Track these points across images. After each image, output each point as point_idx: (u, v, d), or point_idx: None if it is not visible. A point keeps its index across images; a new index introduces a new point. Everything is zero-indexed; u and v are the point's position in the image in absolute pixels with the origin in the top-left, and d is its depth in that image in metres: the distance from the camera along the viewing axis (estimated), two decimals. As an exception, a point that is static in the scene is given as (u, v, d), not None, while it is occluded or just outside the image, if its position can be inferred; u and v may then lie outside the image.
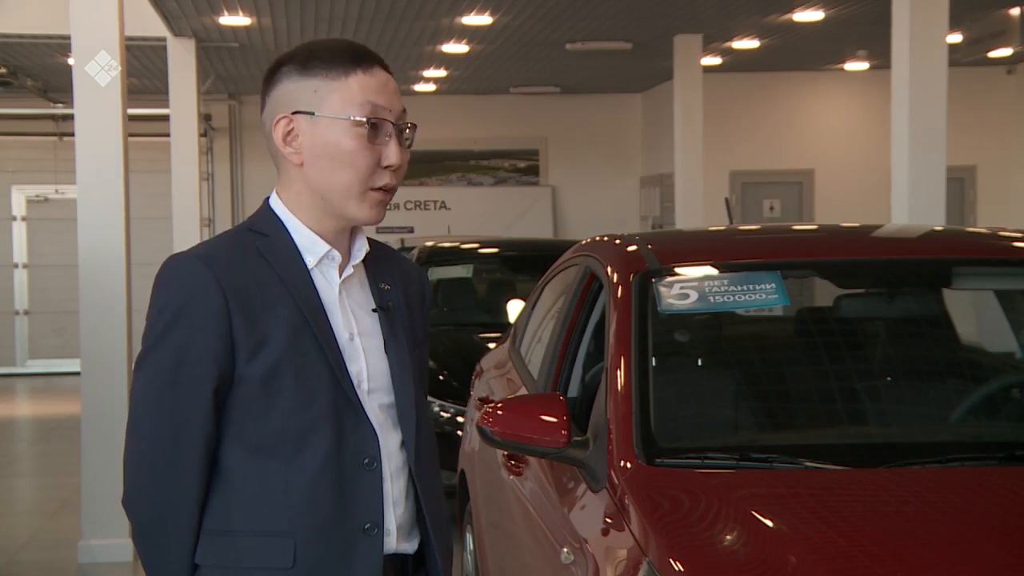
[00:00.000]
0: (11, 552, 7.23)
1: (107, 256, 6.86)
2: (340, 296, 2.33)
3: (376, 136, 2.28)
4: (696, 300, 3.53)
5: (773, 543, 2.75)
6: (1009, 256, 3.94)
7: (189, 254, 2.27)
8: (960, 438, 3.48)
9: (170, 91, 11.75)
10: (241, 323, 2.21)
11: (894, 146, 7.37)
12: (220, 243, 2.32)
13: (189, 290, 2.22)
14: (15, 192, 15.79)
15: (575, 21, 11.08)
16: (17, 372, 15.73)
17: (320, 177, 2.29)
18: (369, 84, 2.28)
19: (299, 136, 2.29)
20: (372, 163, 2.28)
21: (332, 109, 2.26)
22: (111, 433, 6.89)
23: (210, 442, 2.24)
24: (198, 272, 2.22)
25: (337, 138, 2.26)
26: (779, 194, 15.48)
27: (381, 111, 2.28)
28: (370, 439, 2.28)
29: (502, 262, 9.49)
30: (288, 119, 2.29)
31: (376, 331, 2.36)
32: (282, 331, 2.23)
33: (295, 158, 2.30)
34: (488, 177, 16.98)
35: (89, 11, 6.83)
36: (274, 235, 2.31)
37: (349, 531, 2.26)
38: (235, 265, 2.25)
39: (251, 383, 2.22)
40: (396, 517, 2.33)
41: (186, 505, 2.26)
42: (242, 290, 2.23)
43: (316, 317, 2.27)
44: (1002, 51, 11.44)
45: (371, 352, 2.34)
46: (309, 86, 2.27)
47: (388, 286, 2.41)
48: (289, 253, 2.30)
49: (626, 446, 3.15)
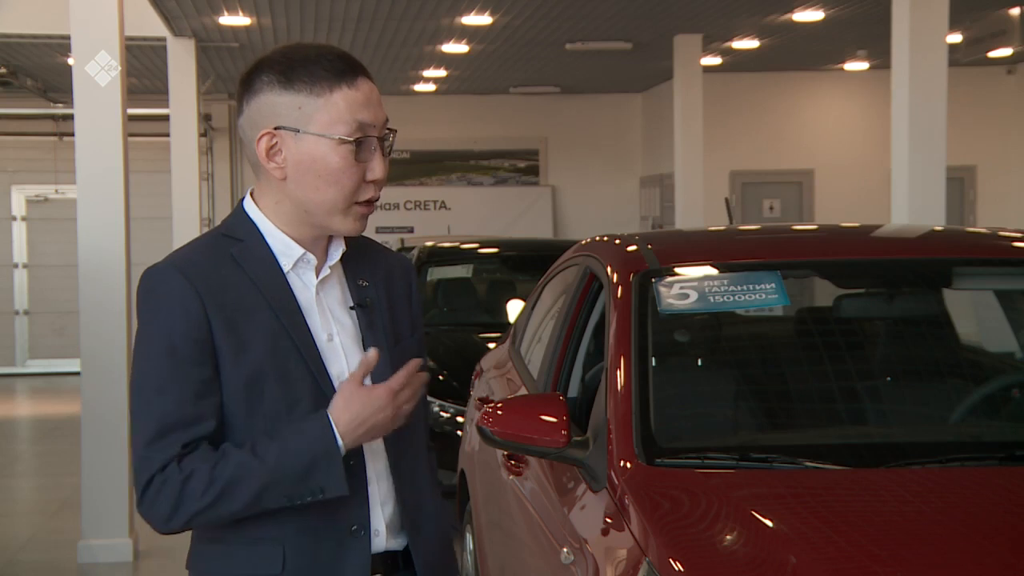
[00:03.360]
0: (11, 552, 7.23)
1: (107, 256, 6.86)
2: (317, 297, 2.33)
3: (361, 152, 2.27)
4: (696, 300, 3.53)
5: (773, 543, 2.75)
6: (1009, 256, 3.94)
7: (165, 263, 2.28)
8: (960, 438, 3.47)
9: (170, 91, 11.75)
10: (221, 329, 2.22)
11: (894, 146, 7.37)
12: (195, 250, 2.32)
13: (168, 299, 2.23)
14: (15, 192, 15.79)
15: (575, 21, 11.08)
16: (17, 372, 15.73)
17: (304, 193, 2.27)
18: (355, 100, 2.25)
19: (283, 152, 2.26)
20: (358, 180, 2.27)
21: (318, 127, 2.24)
22: (111, 433, 6.90)
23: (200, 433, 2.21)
24: (175, 281, 2.23)
25: (324, 155, 2.25)
26: (779, 194, 15.48)
27: (367, 128, 2.27)
28: None
29: (502, 262, 9.49)
30: (271, 134, 2.26)
31: (356, 327, 2.36)
32: (261, 337, 2.24)
33: (278, 172, 2.28)
34: (488, 177, 16.98)
35: (89, 11, 6.83)
36: (249, 240, 2.30)
37: (336, 534, 2.27)
38: (211, 272, 2.25)
39: (235, 389, 2.23)
40: (384, 516, 2.33)
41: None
42: (220, 297, 2.23)
43: (293, 322, 2.27)
44: (1002, 51, 11.42)
45: (350, 350, 2.33)
46: (293, 102, 2.24)
47: (366, 282, 2.40)
48: (264, 258, 2.29)
49: (626, 446, 3.15)
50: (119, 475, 6.89)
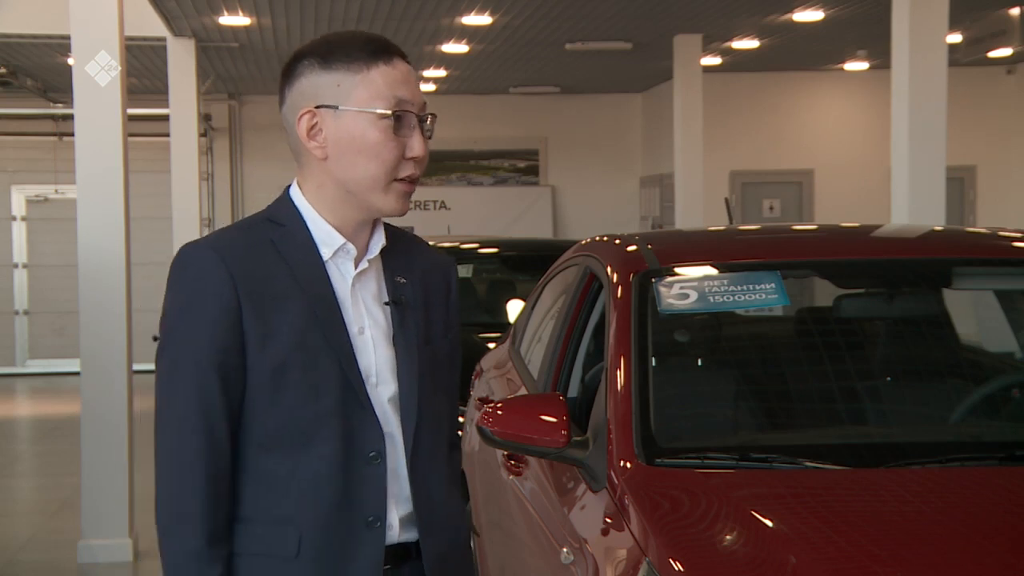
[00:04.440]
0: (11, 552, 7.23)
1: (107, 256, 6.86)
2: (353, 289, 2.34)
3: (400, 128, 2.29)
4: (696, 300, 3.53)
5: (773, 543, 2.75)
6: (1009, 256, 3.94)
7: (203, 243, 2.30)
8: (960, 438, 3.47)
9: (170, 91, 11.75)
10: (251, 315, 2.23)
11: (894, 146, 7.37)
12: (235, 233, 2.33)
13: (200, 281, 2.24)
14: (15, 192, 15.79)
15: (575, 21, 11.08)
16: (17, 372, 15.73)
17: (345, 170, 2.30)
18: (392, 76, 2.30)
19: (323, 130, 2.29)
20: (397, 155, 2.29)
21: (357, 102, 2.28)
22: (111, 433, 6.90)
23: (218, 434, 2.24)
24: (210, 262, 2.24)
25: (363, 131, 2.28)
26: (779, 194, 15.48)
27: (405, 103, 2.30)
28: (376, 435, 2.30)
29: (502, 262, 9.48)
30: (312, 113, 2.29)
31: (388, 323, 2.36)
32: (291, 325, 2.25)
33: (319, 152, 2.30)
34: (488, 177, 16.98)
35: (89, 11, 6.83)
36: (291, 225, 2.32)
37: (352, 524, 2.28)
38: (248, 256, 2.27)
39: (260, 375, 2.24)
40: (399, 511, 2.35)
41: (196, 501, 2.22)
42: (253, 282, 2.25)
43: (326, 311, 2.28)
44: (1002, 51, 11.42)
45: (380, 346, 2.34)
46: (332, 80, 2.28)
47: (404, 279, 2.41)
48: (304, 244, 2.31)
49: (626, 446, 3.15)
50: (119, 475, 6.89)
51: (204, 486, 2.22)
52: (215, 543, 2.23)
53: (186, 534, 2.22)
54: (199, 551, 2.21)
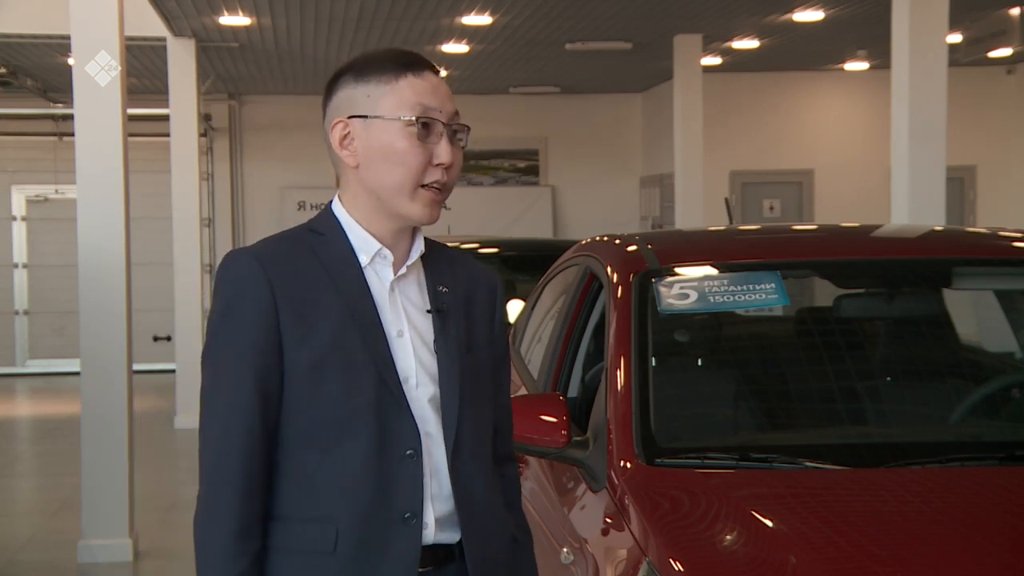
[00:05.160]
0: (11, 552, 7.23)
1: (107, 256, 6.86)
2: (392, 294, 2.40)
3: (427, 135, 2.38)
4: (696, 300, 3.53)
5: (773, 543, 2.75)
6: (1009, 256, 3.94)
7: (244, 250, 2.39)
8: (960, 438, 3.48)
9: (170, 91, 11.74)
10: (289, 318, 2.31)
11: (894, 146, 7.37)
12: (277, 240, 2.43)
13: (239, 285, 2.33)
14: (15, 192, 15.78)
15: (575, 21, 11.07)
16: (17, 372, 15.72)
17: (374, 178, 2.38)
18: (420, 87, 2.39)
19: (354, 139, 2.39)
20: (424, 161, 2.38)
21: (385, 111, 2.37)
22: (111, 433, 6.90)
23: (254, 432, 2.30)
24: (249, 267, 2.33)
25: (390, 139, 2.36)
26: (779, 194, 15.48)
27: (431, 111, 2.38)
28: (411, 433, 2.34)
29: (502, 262, 9.48)
30: (344, 123, 2.39)
31: (428, 330, 2.42)
32: (329, 326, 2.32)
33: (351, 160, 2.39)
34: (488, 177, 16.98)
35: (89, 11, 6.83)
36: (330, 234, 2.41)
37: (388, 520, 2.33)
38: (287, 261, 2.36)
39: (298, 374, 2.31)
40: (436, 509, 2.38)
41: (228, 495, 2.29)
42: (291, 286, 2.33)
43: (363, 313, 2.35)
44: (1002, 51, 11.42)
45: (420, 350, 2.40)
46: (363, 91, 2.38)
47: (446, 288, 2.47)
48: (342, 251, 2.39)
49: (626, 446, 3.15)
50: (119, 475, 6.89)
51: (240, 482, 2.28)
52: (244, 538, 2.28)
53: (217, 527, 2.28)
54: (226, 545, 2.27)
